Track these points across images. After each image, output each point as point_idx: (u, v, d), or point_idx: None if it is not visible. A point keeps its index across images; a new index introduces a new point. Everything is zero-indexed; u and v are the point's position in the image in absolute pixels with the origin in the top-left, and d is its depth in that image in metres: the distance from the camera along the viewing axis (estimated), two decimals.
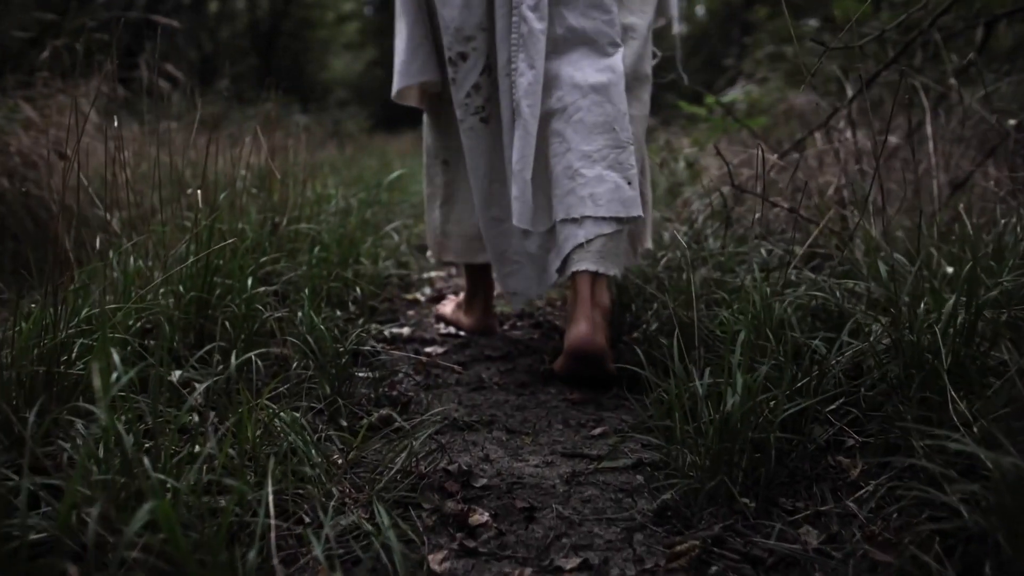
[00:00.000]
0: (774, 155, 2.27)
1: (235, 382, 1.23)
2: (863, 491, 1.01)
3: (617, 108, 1.57)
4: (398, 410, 1.38)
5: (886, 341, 1.19)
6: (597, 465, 1.18)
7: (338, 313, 1.80)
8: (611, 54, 1.61)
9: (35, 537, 0.82)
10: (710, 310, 1.53)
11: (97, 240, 1.59)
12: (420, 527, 0.98)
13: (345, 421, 1.30)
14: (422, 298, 2.47)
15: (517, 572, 0.89)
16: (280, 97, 2.43)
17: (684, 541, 0.94)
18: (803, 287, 1.43)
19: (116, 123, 1.52)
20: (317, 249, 2.02)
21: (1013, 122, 1.99)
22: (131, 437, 0.86)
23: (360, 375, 1.50)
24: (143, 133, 2.52)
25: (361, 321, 1.85)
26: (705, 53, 11.21)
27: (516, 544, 0.96)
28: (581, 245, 1.53)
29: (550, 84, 1.60)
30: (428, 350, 1.86)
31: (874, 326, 1.23)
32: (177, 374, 1.24)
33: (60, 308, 1.12)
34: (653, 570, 0.89)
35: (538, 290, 1.72)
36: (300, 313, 1.49)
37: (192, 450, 1.00)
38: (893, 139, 2.27)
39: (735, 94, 4.12)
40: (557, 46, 1.61)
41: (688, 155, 3.44)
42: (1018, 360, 1.03)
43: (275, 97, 2.38)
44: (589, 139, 1.55)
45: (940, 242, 1.63)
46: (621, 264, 1.64)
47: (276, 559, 0.81)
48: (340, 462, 1.12)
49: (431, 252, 2.00)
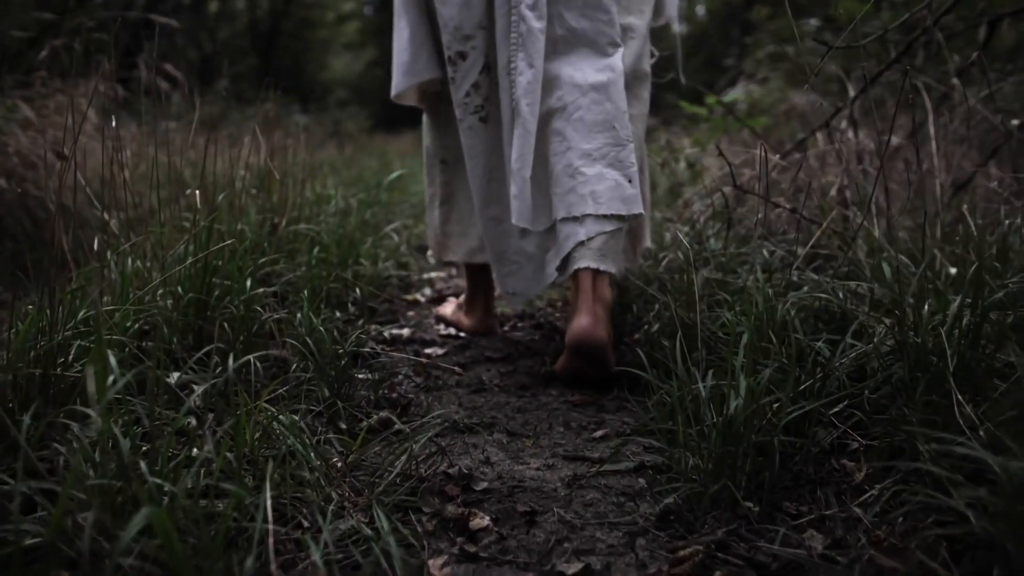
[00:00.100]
0: (776, 155, 2.26)
1: (233, 384, 1.22)
2: (868, 495, 1.00)
3: (617, 106, 1.57)
4: (398, 412, 1.37)
5: (890, 343, 1.18)
6: (599, 468, 1.17)
7: (337, 314, 1.79)
8: (611, 54, 1.61)
9: (30, 543, 0.81)
10: (712, 311, 1.52)
11: (95, 241, 1.58)
12: (420, 531, 0.97)
13: (344, 424, 1.29)
14: (422, 299, 2.46)
15: None
16: (280, 97, 2.43)
17: (687, 546, 0.92)
18: (805, 288, 1.42)
19: (114, 123, 1.51)
20: (316, 250, 2.01)
21: (1016, 122, 1.97)
22: (127, 441, 0.85)
23: (360, 377, 1.49)
24: (142, 133, 2.51)
25: (361, 322, 1.84)
26: (705, 53, 11.20)
27: (517, 549, 0.95)
28: (582, 243, 1.53)
29: (550, 84, 1.60)
30: (428, 351, 1.85)
31: (878, 328, 1.22)
32: (175, 376, 1.23)
33: (57, 309, 1.11)
34: (656, 575, 0.88)
35: (536, 289, 1.71)
36: (299, 314, 1.48)
37: (190, 453, 0.99)
38: (895, 139, 2.26)
39: (736, 94, 4.11)
40: (557, 46, 1.61)
41: (689, 155, 3.43)
42: None
43: (274, 97, 2.38)
44: (589, 137, 1.55)
45: (943, 243, 1.62)
46: (621, 262, 1.64)
47: (274, 565, 0.80)
48: (339, 465, 1.11)
49: (432, 251, 1.99)
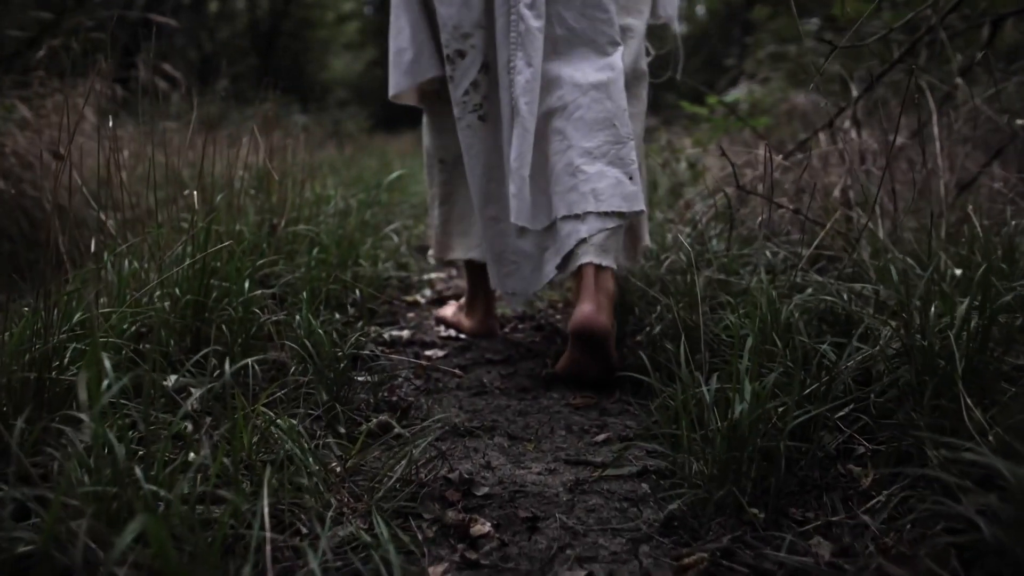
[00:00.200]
0: (778, 155, 2.25)
1: (231, 388, 1.20)
2: (875, 501, 0.98)
3: (617, 104, 1.57)
4: (398, 416, 1.35)
5: (896, 346, 1.16)
6: (601, 473, 1.16)
7: (337, 316, 1.77)
8: (611, 53, 1.62)
9: (23, 550, 0.79)
10: (714, 313, 1.51)
11: (92, 242, 1.56)
12: (420, 538, 0.96)
13: (344, 428, 1.27)
14: (422, 300, 2.44)
15: None
16: (279, 97, 2.41)
17: (692, 553, 0.91)
18: (809, 290, 1.41)
19: (111, 123, 1.50)
20: (316, 251, 1.99)
21: (1021, 122, 1.96)
22: (123, 446, 0.83)
23: (359, 380, 1.48)
24: (140, 133, 2.49)
25: (360, 324, 1.82)
26: (705, 53, 11.19)
27: (519, 556, 0.93)
28: (584, 240, 1.52)
29: (551, 84, 1.59)
30: (428, 353, 1.83)
31: (883, 330, 1.20)
32: (172, 379, 1.21)
33: (52, 312, 1.10)
34: None
35: (534, 288, 1.70)
36: (298, 316, 1.46)
37: (186, 458, 0.97)
38: (898, 139, 2.24)
39: (737, 93, 4.10)
40: (557, 46, 1.61)
41: (690, 156, 3.42)
42: None
43: (274, 97, 2.36)
44: (590, 136, 1.55)
45: (947, 244, 1.60)
46: (621, 258, 1.69)
47: (271, 573, 0.78)
48: (338, 470, 1.09)
49: (433, 251, 1.98)
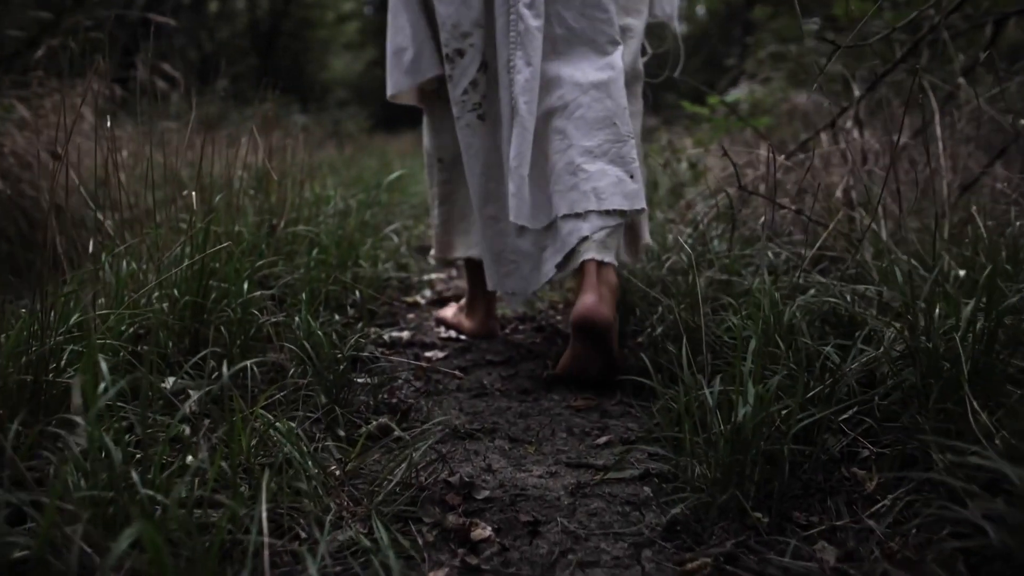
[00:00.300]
0: (780, 156, 2.24)
1: (229, 390, 1.19)
2: (880, 505, 0.97)
3: (617, 103, 1.57)
4: (398, 418, 1.34)
5: (900, 348, 1.15)
6: (603, 476, 1.15)
7: (336, 317, 1.76)
8: (610, 52, 1.62)
9: (17, 555, 0.78)
10: (716, 315, 1.50)
11: (90, 242, 1.55)
12: (420, 543, 0.95)
13: (343, 430, 1.26)
14: (422, 301, 2.43)
15: None
16: (279, 97, 2.40)
17: (695, 558, 0.90)
18: (812, 291, 1.40)
19: (109, 123, 1.49)
20: (315, 251, 1.98)
21: None
22: (119, 450, 0.82)
23: (359, 381, 1.47)
24: (138, 133, 2.48)
25: (360, 325, 1.81)
26: (706, 53, 11.17)
27: (520, 561, 0.92)
28: (585, 238, 1.53)
29: (551, 83, 1.59)
30: (428, 355, 1.82)
31: (888, 332, 1.19)
32: (170, 381, 1.20)
33: (49, 313, 1.09)
34: None
35: (533, 287, 1.69)
36: (297, 318, 1.45)
37: (184, 462, 0.96)
38: (901, 139, 2.23)
39: (738, 93, 4.09)
40: (557, 46, 1.60)
41: (691, 156, 3.41)
42: None
43: (273, 97, 2.35)
44: (590, 135, 1.54)
45: (950, 245, 1.59)
46: (622, 255, 1.73)
47: None
48: (337, 474, 1.08)
49: (435, 251, 1.97)
